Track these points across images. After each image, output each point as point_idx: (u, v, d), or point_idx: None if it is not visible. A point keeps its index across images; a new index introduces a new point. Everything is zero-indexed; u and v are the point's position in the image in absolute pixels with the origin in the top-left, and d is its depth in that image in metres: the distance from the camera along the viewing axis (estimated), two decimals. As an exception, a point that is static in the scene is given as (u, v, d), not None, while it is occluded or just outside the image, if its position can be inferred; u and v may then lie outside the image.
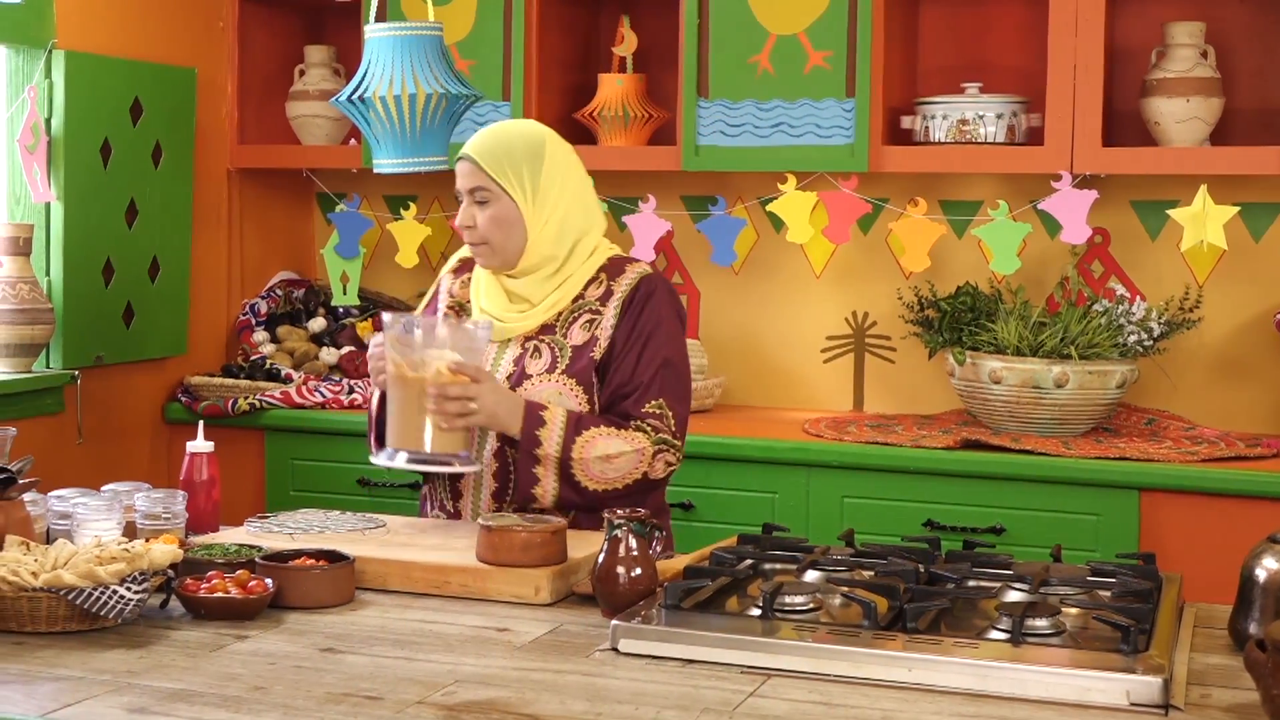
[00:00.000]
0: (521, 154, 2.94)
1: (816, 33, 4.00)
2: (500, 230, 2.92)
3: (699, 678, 2.07)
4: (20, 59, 3.96)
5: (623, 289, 2.94)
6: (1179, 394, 4.11)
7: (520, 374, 2.91)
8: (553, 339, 2.94)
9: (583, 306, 2.95)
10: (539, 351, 2.93)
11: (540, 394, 2.87)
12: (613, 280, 2.96)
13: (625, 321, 2.92)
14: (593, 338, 2.92)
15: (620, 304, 2.93)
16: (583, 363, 2.90)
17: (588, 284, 2.96)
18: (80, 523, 2.61)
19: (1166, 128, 3.86)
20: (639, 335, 2.91)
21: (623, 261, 3.00)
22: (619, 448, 2.83)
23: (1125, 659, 2.05)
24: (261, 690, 1.99)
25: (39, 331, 3.87)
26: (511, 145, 2.94)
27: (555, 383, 2.89)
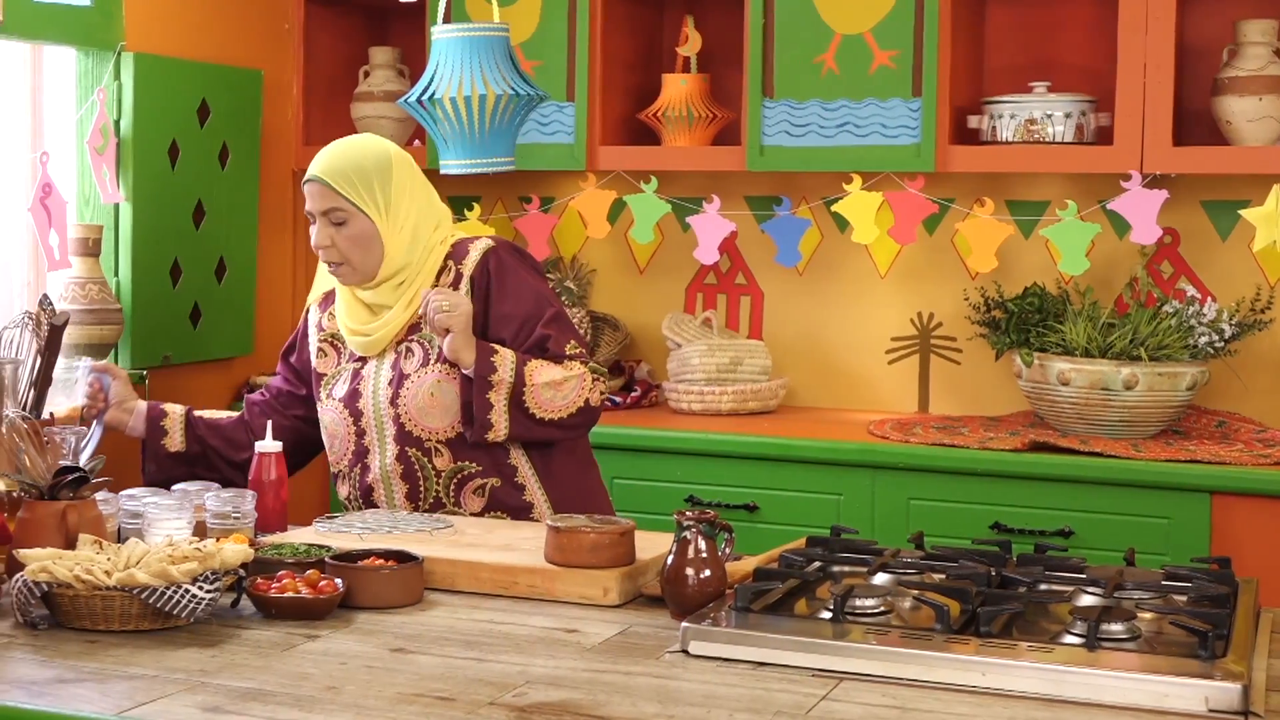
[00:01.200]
0: (372, 170, 3.01)
1: (882, 32, 3.98)
2: (359, 248, 2.99)
3: (770, 680, 2.05)
4: (90, 61, 3.99)
5: (469, 268, 3.01)
6: (1250, 396, 4.06)
7: (399, 375, 3.00)
8: (420, 336, 3.01)
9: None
10: (411, 351, 3.01)
11: (421, 387, 2.97)
12: (459, 263, 3.02)
13: (486, 295, 2.98)
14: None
15: (470, 283, 2.99)
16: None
17: (439, 274, 3.03)
18: (151, 522, 2.63)
19: (1238, 126, 3.82)
20: (512, 299, 2.98)
21: (465, 243, 3.07)
22: (563, 374, 2.94)
23: (1203, 665, 2.02)
24: (334, 690, 1.99)
25: (108, 332, 3.90)
26: (360, 163, 3.00)
27: (432, 373, 2.97)
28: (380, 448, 3.01)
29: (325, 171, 2.99)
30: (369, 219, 2.98)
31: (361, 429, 3.03)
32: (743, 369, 4.30)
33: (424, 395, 2.97)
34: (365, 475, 3.04)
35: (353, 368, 3.08)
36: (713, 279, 4.56)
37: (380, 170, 3.01)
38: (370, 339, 3.03)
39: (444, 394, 2.96)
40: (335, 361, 3.12)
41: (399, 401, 2.99)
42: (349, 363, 3.09)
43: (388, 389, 3.00)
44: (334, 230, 2.98)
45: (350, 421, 3.04)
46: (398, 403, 2.99)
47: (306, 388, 3.18)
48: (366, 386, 3.04)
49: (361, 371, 3.06)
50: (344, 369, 3.09)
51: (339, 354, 3.12)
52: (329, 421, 3.08)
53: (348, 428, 3.04)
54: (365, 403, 3.03)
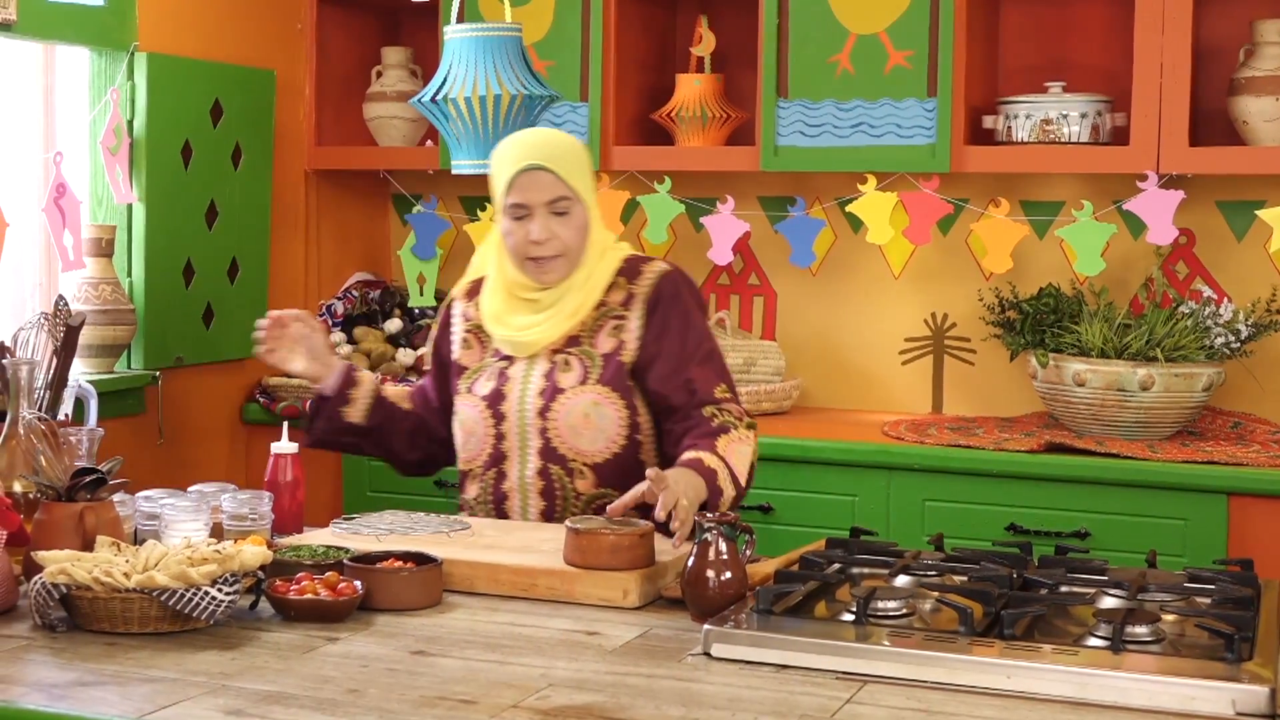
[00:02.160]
0: (585, 159, 2.93)
1: (897, 32, 3.97)
2: (580, 240, 2.88)
3: (793, 683, 2.04)
4: (103, 61, 3.98)
5: (644, 291, 2.90)
6: (1266, 397, 4.04)
7: (553, 388, 2.87)
8: (580, 350, 2.89)
9: (606, 313, 2.91)
10: (568, 364, 2.89)
11: (576, 405, 2.84)
12: (632, 283, 2.92)
13: (654, 324, 2.88)
14: (620, 343, 2.88)
15: (644, 306, 2.89)
16: (612, 368, 2.87)
17: (608, 289, 2.92)
18: (168, 523, 2.62)
19: (1255, 127, 3.80)
20: (676, 335, 2.88)
21: (638, 262, 2.96)
22: (745, 451, 2.80)
23: (1229, 667, 2.01)
24: (356, 693, 1.98)
25: (121, 332, 3.90)
26: (572, 150, 2.92)
27: (590, 392, 2.85)
28: (521, 458, 2.88)
29: (550, 159, 2.85)
30: (586, 209, 2.87)
31: (501, 433, 2.90)
32: (756, 370, 4.29)
33: (578, 415, 2.84)
34: (500, 481, 2.91)
35: (498, 366, 2.94)
36: (726, 279, 4.55)
37: (587, 162, 2.92)
38: (523, 341, 2.90)
39: (600, 417, 2.84)
40: (479, 355, 2.98)
41: (549, 415, 2.86)
42: (494, 359, 2.96)
43: (537, 399, 2.87)
44: (556, 221, 2.85)
45: (491, 423, 2.90)
46: (547, 416, 2.86)
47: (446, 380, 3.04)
48: (513, 390, 2.90)
49: (508, 372, 2.92)
50: (489, 365, 2.96)
51: (483, 347, 2.98)
52: (466, 417, 2.94)
53: (486, 428, 2.91)
54: (510, 407, 2.89)
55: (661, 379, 2.85)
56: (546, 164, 2.85)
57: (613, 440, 2.85)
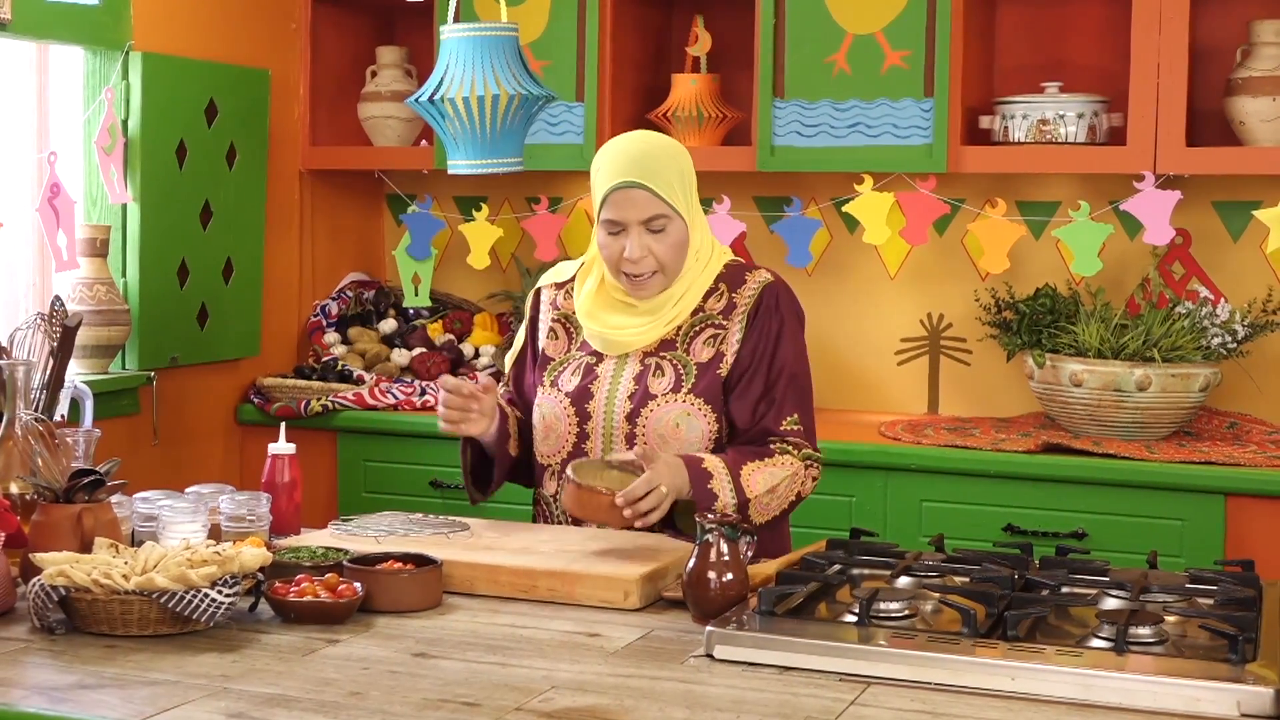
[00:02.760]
0: (686, 169, 2.83)
1: (894, 32, 3.96)
2: (678, 255, 2.80)
3: (797, 685, 2.04)
4: (97, 60, 3.97)
5: (746, 302, 2.84)
6: (1262, 397, 4.04)
7: (644, 393, 2.81)
8: (675, 356, 2.83)
9: (704, 320, 2.85)
10: (661, 370, 2.83)
11: (666, 414, 2.79)
12: (734, 292, 2.85)
13: (750, 336, 2.82)
14: (718, 354, 2.82)
15: (745, 319, 2.83)
16: (708, 380, 2.81)
17: (707, 295, 2.85)
18: (166, 525, 2.60)
19: (1252, 127, 3.80)
20: (765, 350, 2.82)
21: (740, 269, 2.89)
22: (778, 476, 2.75)
23: (1233, 668, 2.01)
24: (358, 696, 1.97)
25: (116, 333, 3.88)
26: (673, 162, 2.81)
27: (682, 402, 2.80)
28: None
29: (645, 175, 2.76)
30: (684, 223, 2.79)
31: (586, 432, 2.83)
32: (752, 370, 4.28)
33: (668, 424, 2.78)
34: None
35: (585, 361, 2.87)
36: (721, 280, 4.54)
37: (689, 169, 2.83)
38: (616, 340, 2.84)
39: (690, 429, 2.78)
40: (565, 346, 2.92)
41: (638, 420, 2.80)
42: (580, 353, 2.89)
43: (626, 402, 2.81)
44: (652, 239, 2.77)
45: (575, 421, 2.84)
46: (636, 420, 2.80)
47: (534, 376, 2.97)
48: (600, 388, 2.84)
49: (596, 369, 2.86)
50: (574, 358, 2.89)
51: (570, 339, 2.92)
52: (548, 411, 2.87)
53: (569, 425, 2.84)
54: (596, 406, 2.83)
55: (739, 397, 2.81)
56: (643, 181, 2.77)
57: (699, 452, 2.77)
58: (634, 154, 2.80)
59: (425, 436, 4.19)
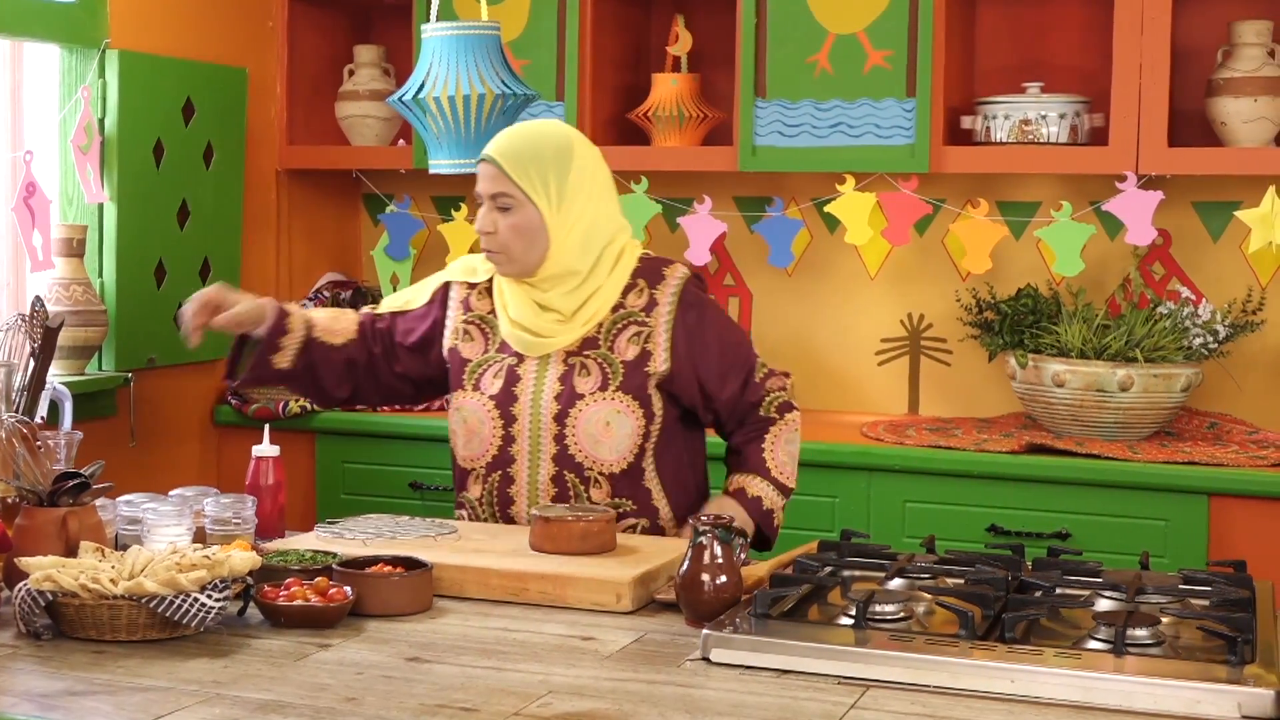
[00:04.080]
0: (549, 158, 2.82)
1: (876, 32, 3.96)
2: (521, 239, 2.80)
3: (795, 689, 2.02)
4: (74, 59, 3.93)
5: (668, 299, 2.85)
6: (1243, 397, 4.05)
7: (570, 393, 2.82)
8: (599, 354, 2.83)
9: (626, 317, 2.85)
10: (586, 369, 2.83)
11: (596, 413, 2.80)
12: (654, 288, 2.86)
13: (680, 338, 2.84)
14: (645, 352, 2.83)
15: (671, 316, 2.84)
16: (638, 379, 2.82)
17: (625, 291, 2.86)
18: (150, 528, 2.58)
19: (1233, 128, 3.81)
20: (703, 343, 2.86)
21: (657, 264, 2.90)
22: (790, 440, 2.96)
23: (1232, 670, 2.01)
24: (354, 702, 1.95)
25: (93, 334, 3.84)
26: (539, 148, 2.82)
27: (610, 400, 2.81)
28: (532, 462, 2.83)
29: (500, 153, 2.81)
30: (537, 210, 2.79)
31: (511, 435, 2.83)
32: (733, 371, 4.27)
33: (598, 424, 2.80)
34: (507, 485, 2.85)
35: (507, 363, 2.87)
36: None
37: (559, 159, 2.81)
38: (539, 340, 2.84)
39: (620, 426, 2.80)
40: (483, 348, 2.91)
41: (566, 421, 2.80)
42: (501, 354, 2.89)
43: (553, 403, 2.81)
44: (499, 216, 2.80)
45: (500, 424, 2.84)
46: (565, 422, 2.80)
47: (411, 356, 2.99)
48: (524, 391, 2.84)
49: (518, 371, 2.86)
50: (495, 360, 2.88)
51: (487, 340, 2.91)
52: (470, 415, 2.86)
53: (494, 428, 2.84)
54: (522, 409, 2.83)
55: (712, 395, 2.88)
56: (494, 156, 2.82)
57: (629, 450, 2.82)
58: (506, 134, 2.87)
59: (405, 438, 4.17)
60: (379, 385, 3.03)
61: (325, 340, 2.99)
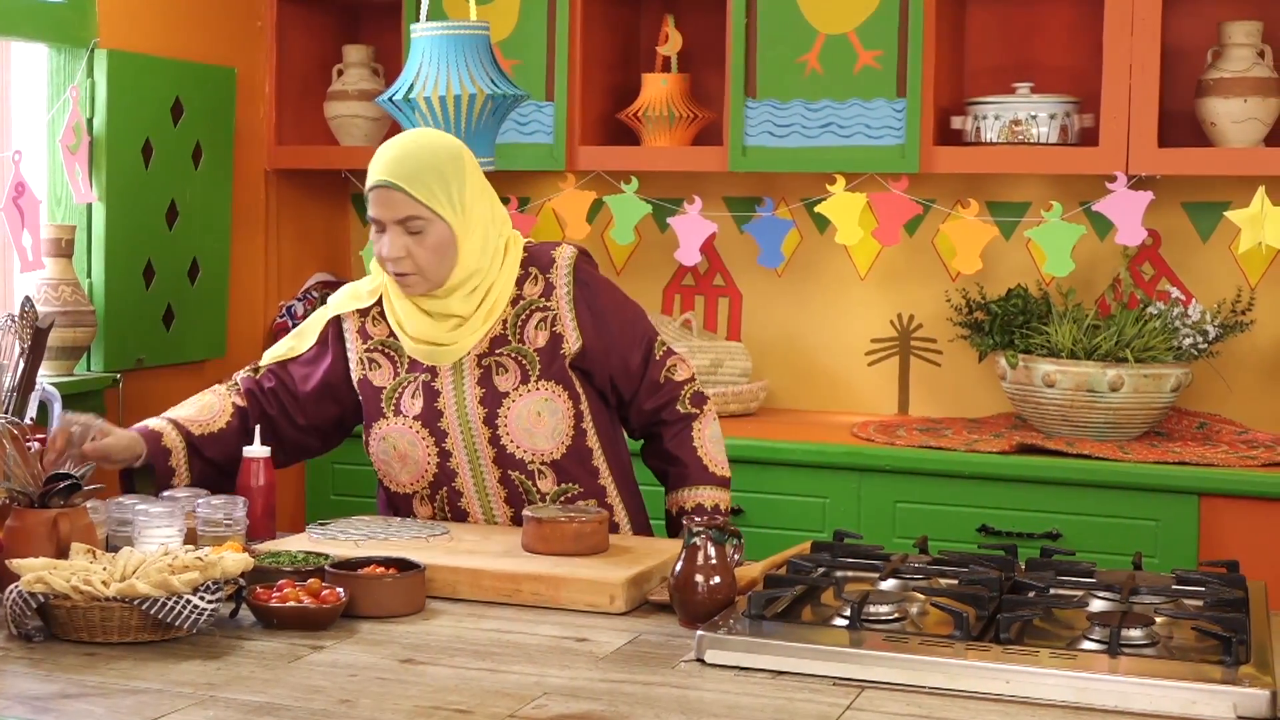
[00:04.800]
0: (449, 170, 2.75)
1: (866, 32, 3.96)
2: (437, 257, 2.74)
3: (791, 690, 2.02)
4: (62, 58, 3.91)
5: (564, 279, 2.83)
6: (1232, 397, 4.06)
7: (493, 394, 2.79)
8: (511, 349, 2.81)
9: (528, 306, 2.82)
10: (503, 366, 2.80)
11: (525, 407, 2.78)
12: (546, 273, 2.84)
13: (584, 313, 2.83)
14: (555, 335, 2.81)
15: (570, 295, 2.83)
16: (556, 363, 2.81)
17: (520, 282, 2.83)
18: (141, 530, 2.56)
19: (1223, 128, 3.81)
20: (604, 316, 2.85)
21: (544, 249, 2.87)
22: (715, 433, 2.93)
23: (1227, 670, 2.01)
24: (348, 704, 1.94)
25: (81, 334, 3.83)
26: (436, 162, 2.74)
27: (535, 390, 2.79)
28: (475, 471, 2.81)
29: (401, 176, 2.71)
30: (448, 225, 2.72)
31: (446, 450, 2.80)
32: (723, 371, 4.27)
33: (529, 416, 2.78)
34: (456, 499, 2.83)
35: (420, 380, 2.82)
36: (690, 280, 4.53)
37: (456, 170, 2.75)
38: (445, 349, 2.80)
39: (551, 413, 2.79)
40: (392, 372, 2.85)
41: (497, 422, 2.78)
42: (412, 373, 2.84)
43: (478, 407, 2.79)
44: (410, 240, 2.72)
45: (431, 442, 2.81)
46: (495, 423, 2.78)
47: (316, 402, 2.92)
48: (448, 403, 2.80)
49: (435, 385, 2.82)
50: (407, 381, 2.83)
51: (395, 364, 2.85)
52: (399, 441, 2.82)
53: (427, 449, 2.81)
54: (450, 422, 2.79)
55: (615, 369, 2.86)
56: (395, 180, 2.71)
57: (565, 435, 2.82)
58: (395, 154, 2.75)
59: (394, 438, 4.16)
60: (282, 445, 2.93)
61: (207, 432, 2.88)
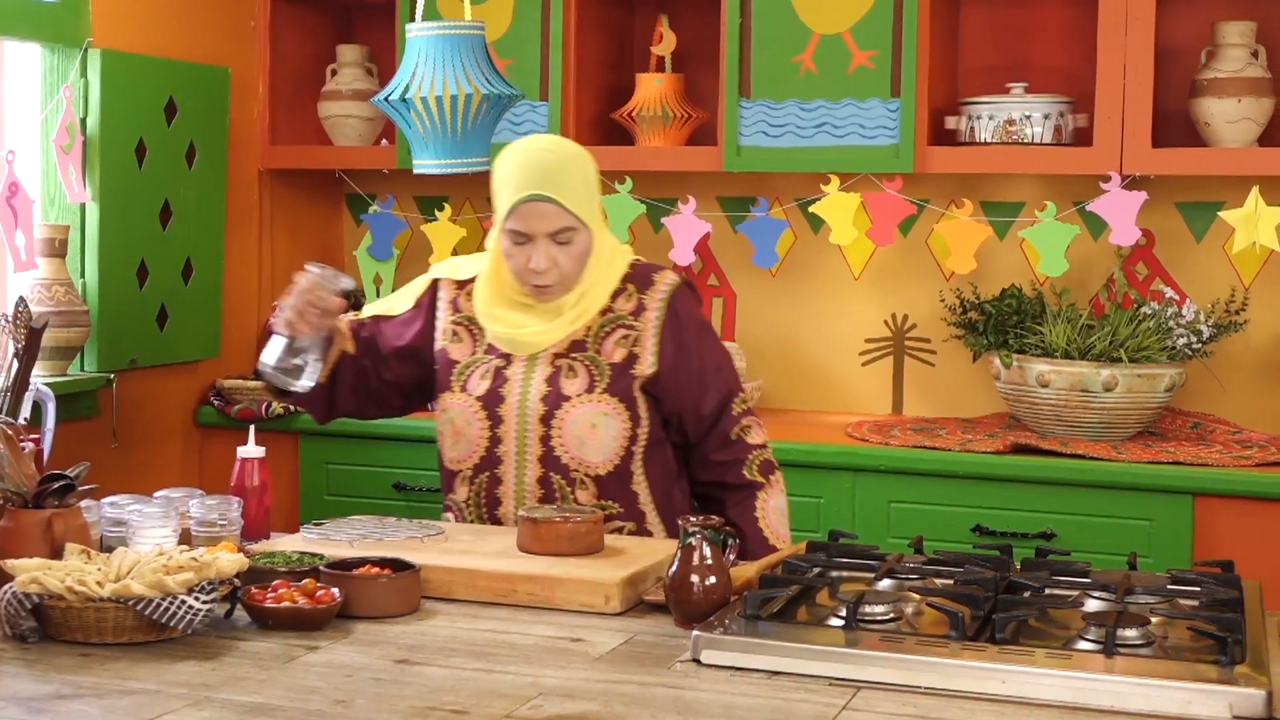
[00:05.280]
0: (592, 178, 2.81)
1: (861, 32, 3.96)
2: (579, 265, 2.78)
3: (787, 690, 2.02)
4: (55, 58, 3.90)
5: (657, 305, 2.84)
6: (1226, 397, 4.06)
7: (557, 394, 2.80)
8: (586, 356, 2.82)
9: (615, 320, 2.84)
10: (573, 370, 2.81)
11: (582, 415, 2.79)
12: (643, 293, 2.85)
13: (668, 341, 2.82)
14: (632, 355, 2.82)
15: (659, 321, 2.83)
16: (624, 381, 2.81)
17: (615, 295, 2.85)
18: (135, 530, 2.56)
19: (1217, 128, 3.81)
20: (687, 351, 2.84)
21: (647, 270, 2.89)
22: (779, 505, 2.93)
23: (1223, 670, 2.01)
24: (344, 704, 1.94)
25: (75, 334, 3.82)
26: (581, 172, 2.79)
27: (597, 402, 2.80)
28: (519, 463, 2.81)
29: (554, 188, 2.72)
30: (590, 232, 2.76)
31: (498, 436, 2.81)
32: (717, 371, 4.26)
33: (584, 425, 2.78)
34: (494, 486, 2.83)
35: (494, 364, 2.84)
36: (685, 280, 4.52)
37: (595, 176, 2.80)
38: (524, 340, 2.81)
39: (607, 428, 2.79)
40: (470, 349, 2.87)
41: (553, 422, 2.78)
42: (488, 355, 2.85)
43: (539, 404, 2.79)
44: (559, 250, 2.74)
45: (486, 425, 2.81)
46: (551, 423, 2.78)
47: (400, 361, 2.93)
48: (512, 391, 2.81)
49: (505, 372, 2.83)
50: (482, 361, 2.85)
51: (474, 341, 2.87)
52: (457, 416, 2.83)
53: (481, 429, 2.82)
54: (509, 409, 2.80)
55: (686, 406, 2.85)
56: (552, 194, 2.73)
57: (616, 453, 2.81)
58: (542, 165, 2.76)
59: (388, 439, 4.15)
60: (369, 394, 2.97)
61: (347, 351, 2.93)
